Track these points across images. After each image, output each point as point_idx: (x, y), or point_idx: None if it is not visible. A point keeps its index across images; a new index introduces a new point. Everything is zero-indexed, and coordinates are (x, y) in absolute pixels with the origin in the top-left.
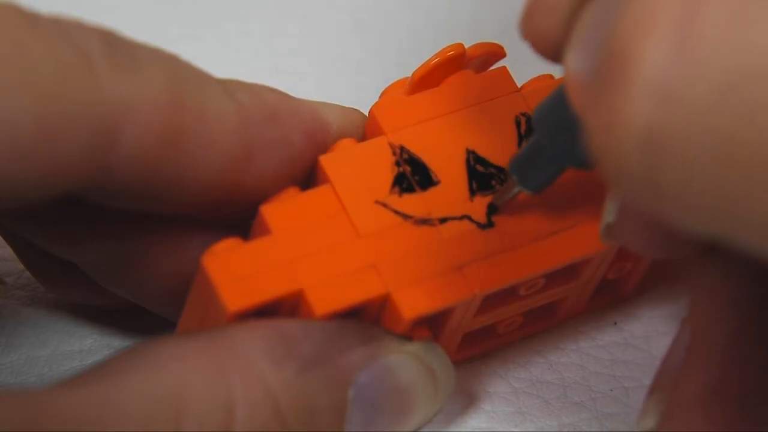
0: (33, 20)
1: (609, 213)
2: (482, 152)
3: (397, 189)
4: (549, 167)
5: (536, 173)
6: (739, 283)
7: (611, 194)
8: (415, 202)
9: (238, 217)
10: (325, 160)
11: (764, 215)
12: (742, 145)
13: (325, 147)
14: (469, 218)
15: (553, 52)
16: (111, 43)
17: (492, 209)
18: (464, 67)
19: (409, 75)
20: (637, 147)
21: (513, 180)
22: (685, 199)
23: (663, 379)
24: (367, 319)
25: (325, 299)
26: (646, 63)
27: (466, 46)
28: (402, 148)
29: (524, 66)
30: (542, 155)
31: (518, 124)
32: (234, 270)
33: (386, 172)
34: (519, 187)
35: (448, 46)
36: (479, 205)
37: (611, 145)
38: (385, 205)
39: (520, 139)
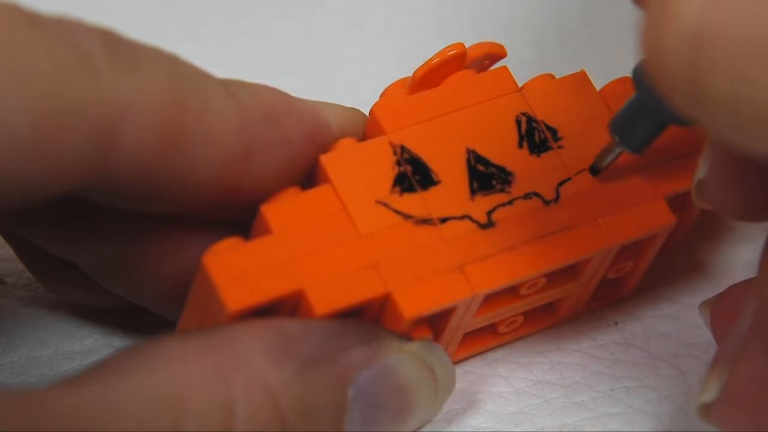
0: (33, 20)
1: (701, 168)
2: (483, 152)
3: (397, 188)
4: (650, 125)
5: (637, 132)
6: None
7: (705, 149)
8: (415, 202)
9: (239, 217)
10: (325, 159)
11: None
12: None
13: (325, 147)
14: (469, 218)
15: None
16: (111, 43)
17: (593, 171)
18: (465, 66)
19: (410, 75)
20: (682, 48)
21: (614, 140)
22: (727, 106)
23: (725, 353)
24: (368, 318)
25: (326, 299)
26: None
27: (467, 46)
28: (403, 148)
29: (524, 66)
30: (642, 113)
31: (519, 123)
32: (234, 269)
33: (387, 171)
34: (620, 147)
35: (449, 46)
36: (480, 205)
37: (658, 44)
38: (385, 205)
39: (521, 138)
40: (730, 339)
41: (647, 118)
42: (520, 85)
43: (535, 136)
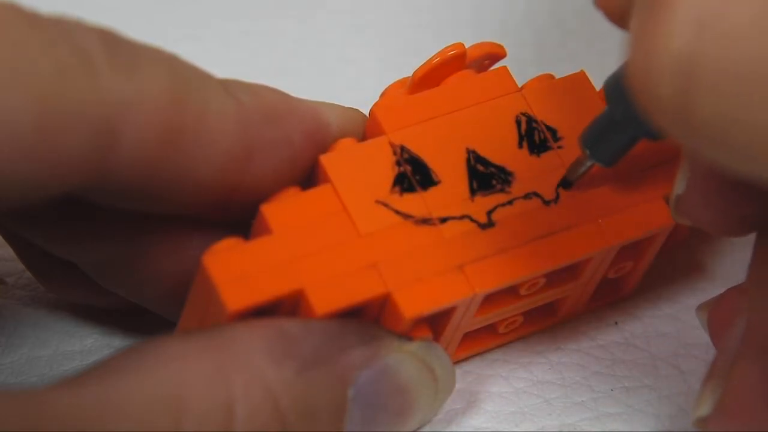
0: (33, 20)
1: (679, 184)
2: (483, 152)
3: (397, 188)
4: (620, 138)
5: (608, 145)
6: None
7: (682, 165)
8: (415, 202)
9: (239, 217)
10: (325, 159)
11: None
12: None
13: (325, 147)
14: (469, 218)
15: (621, 19)
16: (111, 42)
17: (565, 184)
18: (465, 66)
19: (410, 75)
20: (673, 72)
21: (585, 154)
22: (717, 129)
23: (719, 366)
24: (368, 318)
25: (326, 299)
26: None
27: (467, 46)
28: (402, 148)
29: (524, 66)
30: (613, 126)
31: (518, 123)
32: (234, 269)
33: (387, 171)
34: (591, 160)
35: (449, 46)
36: (480, 205)
37: (647, 72)
38: (385, 205)
39: (521, 138)
40: (724, 350)
41: (618, 132)
42: (520, 85)
43: (534, 136)
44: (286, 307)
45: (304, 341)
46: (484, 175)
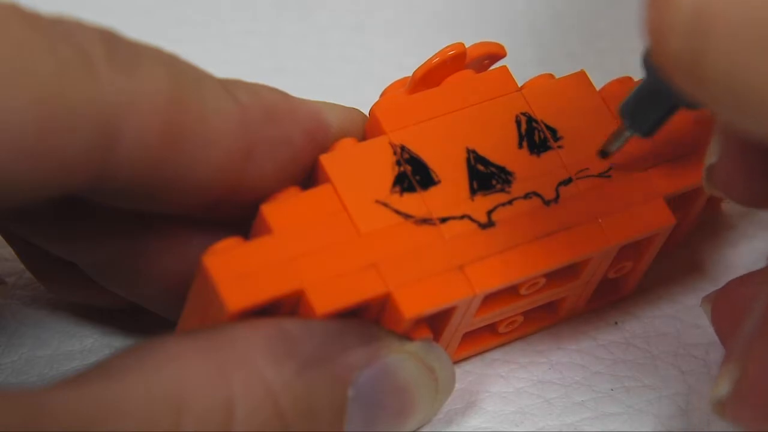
0: (33, 20)
1: (712, 153)
2: (483, 151)
3: (397, 188)
4: (660, 108)
5: (647, 115)
6: None
7: (715, 134)
8: (415, 202)
9: (239, 217)
10: (325, 159)
11: None
12: None
13: (325, 146)
14: (469, 218)
15: None
16: (111, 42)
17: (603, 154)
18: (465, 66)
19: (410, 75)
20: (684, 28)
21: (624, 124)
22: (729, 85)
23: (737, 348)
24: (368, 318)
25: (326, 298)
26: None
27: (467, 46)
28: (403, 148)
29: (524, 66)
30: (651, 96)
31: (518, 123)
32: (234, 269)
33: (387, 171)
34: (630, 131)
35: (449, 46)
36: (480, 205)
37: (659, 26)
38: (385, 205)
39: (521, 138)
40: (741, 333)
41: (657, 101)
42: (519, 85)
43: (534, 136)
44: (286, 306)
45: (304, 341)
46: (484, 175)
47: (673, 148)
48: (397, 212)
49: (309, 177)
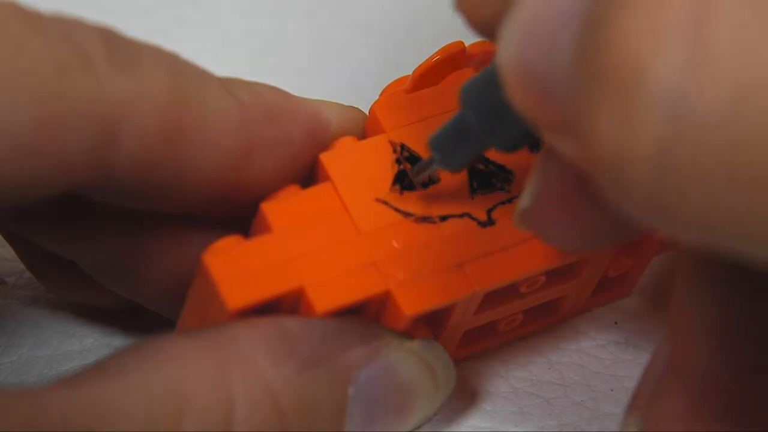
0: (33, 19)
1: (525, 199)
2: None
3: (397, 187)
4: (471, 147)
5: (458, 151)
6: (727, 303)
7: (532, 180)
8: (415, 200)
9: (239, 215)
10: (325, 157)
11: None
12: (755, 158)
13: (325, 145)
14: (469, 216)
15: (485, 29)
16: (111, 41)
17: (409, 186)
18: (464, 65)
19: (410, 73)
20: (648, 164)
21: (433, 157)
22: (692, 214)
23: (641, 397)
24: (368, 316)
25: (326, 297)
26: (658, 77)
27: (467, 44)
28: (402, 146)
29: None
30: (465, 134)
31: None
32: (235, 267)
33: (387, 169)
34: (437, 164)
35: (449, 44)
36: (480, 203)
37: (619, 162)
38: (385, 203)
39: None
40: (647, 379)
41: (469, 140)
42: None
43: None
44: (286, 305)
45: (304, 340)
46: (484, 174)
47: None
48: (397, 210)
49: (309, 175)
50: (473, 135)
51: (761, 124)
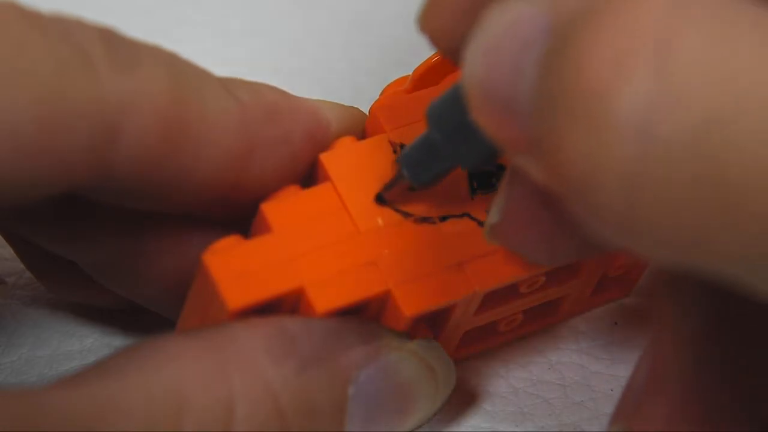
0: (33, 19)
1: (493, 214)
2: None
3: None
4: (439, 164)
5: (426, 168)
6: (702, 312)
7: (499, 195)
8: (415, 200)
9: (239, 216)
10: (325, 157)
11: (742, 249)
12: (722, 181)
13: (325, 145)
14: (469, 216)
15: (448, 49)
16: (111, 41)
17: (379, 200)
18: None
19: (410, 73)
20: (616, 187)
21: (402, 173)
22: (661, 234)
23: (624, 408)
24: (368, 316)
25: (326, 297)
26: (623, 103)
27: None
28: (402, 146)
29: None
30: (433, 152)
31: None
32: (235, 267)
33: (387, 169)
34: (406, 180)
35: None
36: (480, 203)
37: (587, 184)
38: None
39: None
40: (630, 389)
41: (436, 157)
42: None
43: None
44: (286, 305)
45: (304, 340)
46: (484, 174)
47: None
48: (397, 210)
49: (309, 175)
50: (441, 154)
51: (724, 151)
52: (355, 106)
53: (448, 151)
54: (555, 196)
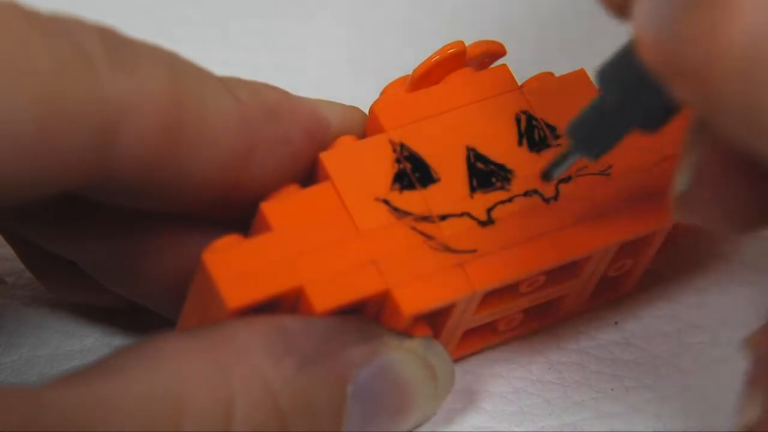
0: (33, 19)
1: (683, 180)
2: (482, 149)
3: (397, 186)
4: (614, 130)
5: (599, 138)
6: None
7: (685, 160)
8: (415, 199)
9: (239, 215)
10: (325, 157)
11: None
12: None
13: (325, 144)
14: (469, 215)
15: (621, 10)
16: (111, 41)
17: (546, 178)
18: (465, 64)
19: (410, 73)
20: (739, 68)
21: (572, 146)
22: None
23: (763, 370)
24: (368, 315)
25: (325, 296)
26: None
27: (467, 44)
28: (402, 146)
29: (524, 64)
30: (606, 118)
31: (518, 121)
32: (234, 267)
33: (386, 169)
34: (579, 153)
35: (449, 44)
36: (480, 202)
37: (710, 70)
38: (385, 202)
39: (521, 136)
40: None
41: (611, 123)
42: (519, 83)
43: (534, 134)
44: (286, 304)
45: (303, 338)
46: (483, 173)
47: (672, 146)
48: (397, 210)
49: (309, 175)
50: (616, 117)
51: None
52: (355, 106)
53: (624, 111)
54: (745, 153)
